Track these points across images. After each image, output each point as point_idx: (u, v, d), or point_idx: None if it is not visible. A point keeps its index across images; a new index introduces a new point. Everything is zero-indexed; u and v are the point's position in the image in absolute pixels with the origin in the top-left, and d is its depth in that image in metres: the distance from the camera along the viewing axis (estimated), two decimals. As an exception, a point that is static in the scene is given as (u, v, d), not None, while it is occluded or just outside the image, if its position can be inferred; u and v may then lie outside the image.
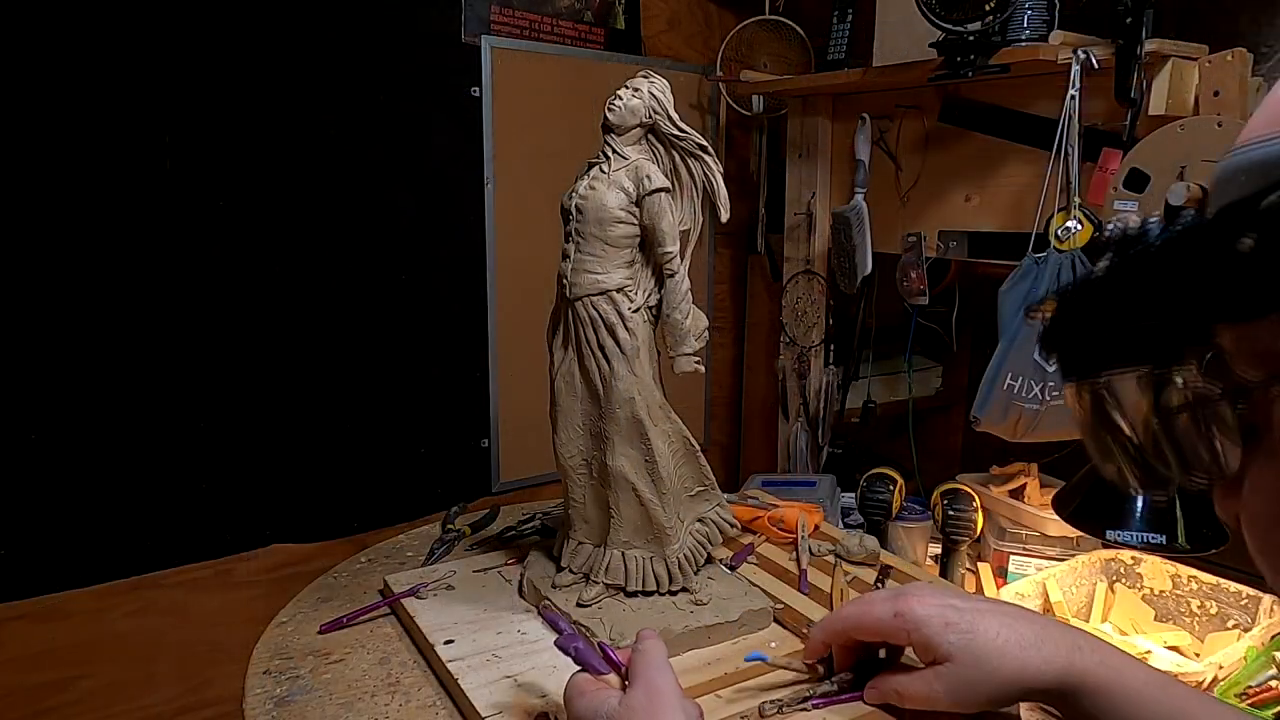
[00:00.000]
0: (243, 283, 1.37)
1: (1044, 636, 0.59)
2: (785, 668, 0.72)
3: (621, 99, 0.80)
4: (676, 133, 0.81)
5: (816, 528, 1.04)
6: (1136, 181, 1.10)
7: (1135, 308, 0.31)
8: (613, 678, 0.61)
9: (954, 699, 0.59)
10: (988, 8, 1.14)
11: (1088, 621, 1.20)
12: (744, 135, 1.91)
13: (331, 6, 1.39)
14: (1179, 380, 0.31)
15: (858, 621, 0.65)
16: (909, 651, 0.65)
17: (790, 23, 1.78)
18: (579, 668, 0.62)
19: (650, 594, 0.82)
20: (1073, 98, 1.17)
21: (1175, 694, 0.58)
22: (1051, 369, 1.20)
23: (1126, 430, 0.34)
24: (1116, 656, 0.59)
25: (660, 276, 0.81)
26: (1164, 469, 0.33)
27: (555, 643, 0.64)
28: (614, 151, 0.80)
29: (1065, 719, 0.60)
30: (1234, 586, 1.12)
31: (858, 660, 0.67)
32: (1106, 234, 0.32)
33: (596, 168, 0.81)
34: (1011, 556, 1.32)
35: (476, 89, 1.55)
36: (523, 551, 0.95)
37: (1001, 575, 1.32)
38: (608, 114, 0.80)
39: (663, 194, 0.78)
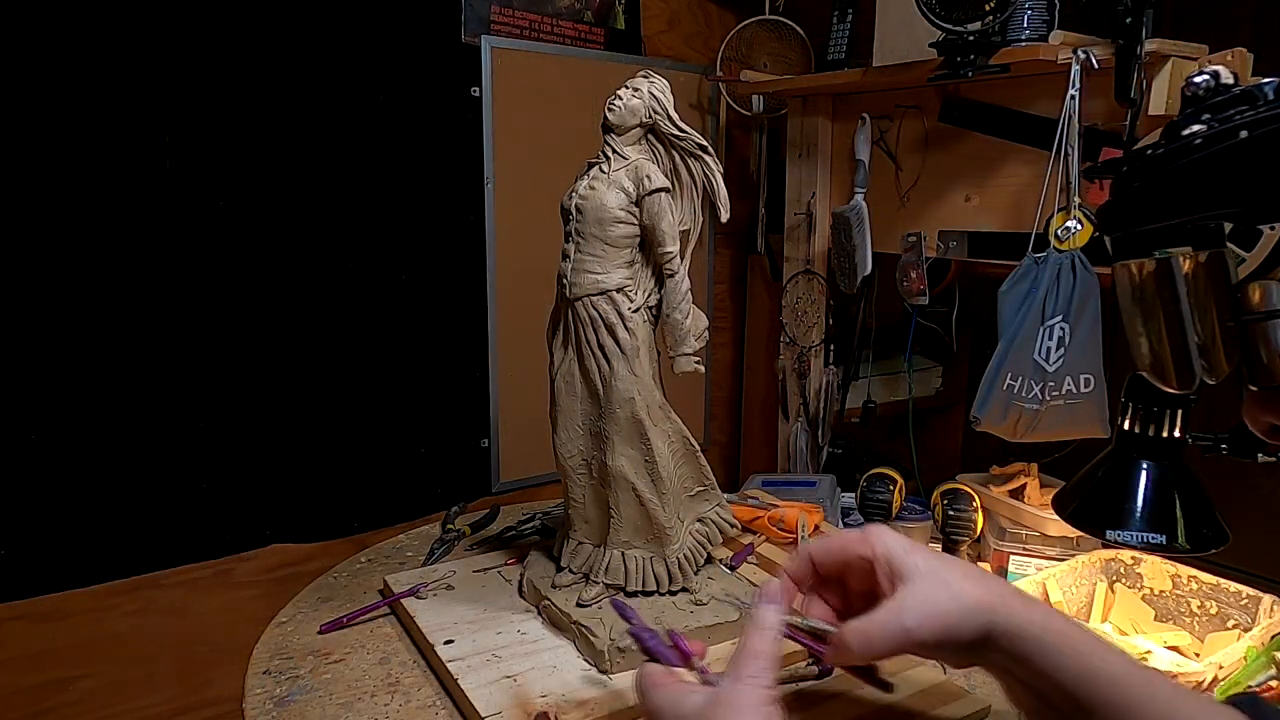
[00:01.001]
0: (243, 283, 1.37)
1: (985, 576, 0.57)
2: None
3: (621, 99, 0.80)
4: (676, 133, 0.81)
5: (816, 528, 1.04)
6: (1136, 181, 1.10)
7: (1250, 185, 0.27)
8: (683, 671, 0.59)
9: (918, 623, 0.54)
10: (988, 8, 1.14)
11: (1088, 621, 1.20)
12: (744, 135, 1.91)
13: (331, 7, 1.39)
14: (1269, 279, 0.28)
15: (826, 542, 0.62)
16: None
17: (790, 23, 1.78)
18: (647, 657, 0.60)
19: (650, 594, 0.82)
20: (1073, 98, 1.17)
21: (1098, 649, 0.53)
22: (1052, 369, 1.19)
23: (1189, 318, 0.30)
24: (1039, 608, 0.56)
25: (660, 276, 0.81)
26: (1205, 364, 0.30)
27: (628, 631, 0.62)
28: (614, 151, 0.80)
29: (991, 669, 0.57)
30: (1234, 586, 1.12)
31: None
32: (1193, 88, 0.30)
33: (596, 168, 0.81)
34: (1011, 556, 1.32)
35: (476, 89, 1.55)
36: (523, 551, 0.95)
37: (1001, 575, 1.32)
38: (608, 114, 0.80)
39: (663, 194, 0.78)
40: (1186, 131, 0.29)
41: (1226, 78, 0.28)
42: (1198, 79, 0.30)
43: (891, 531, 0.60)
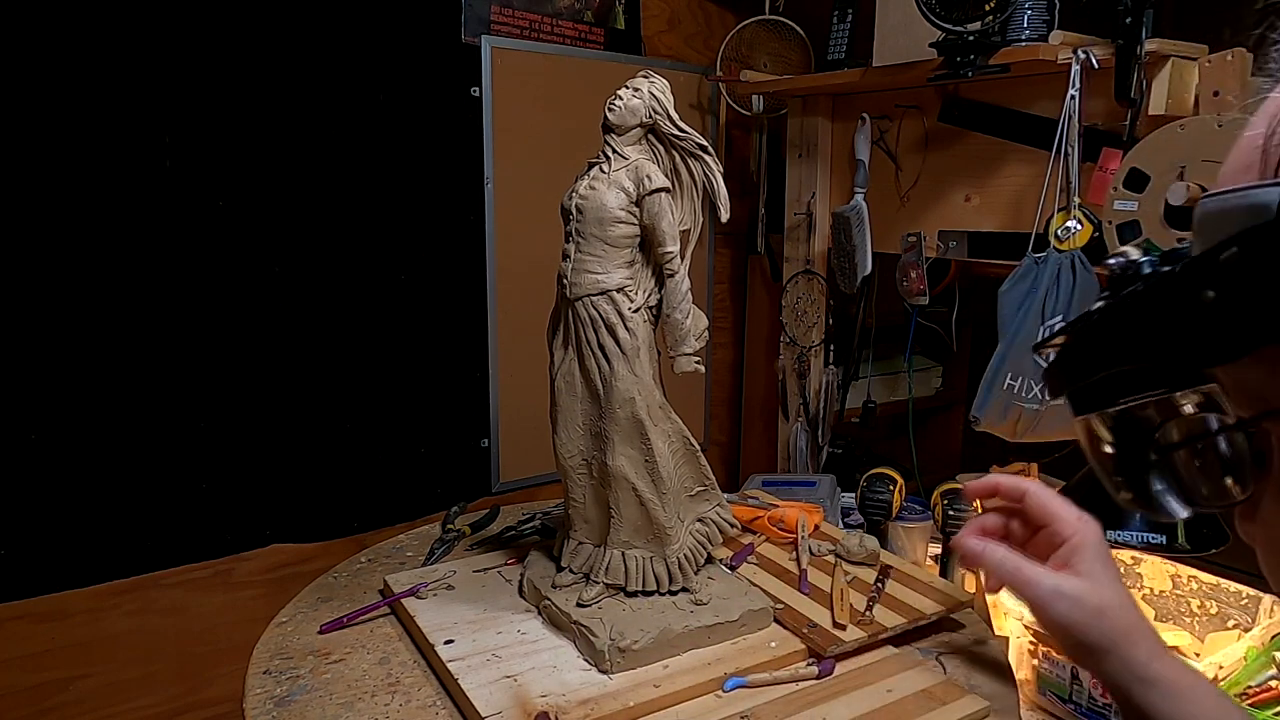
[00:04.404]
0: (242, 283, 1.37)
1: (1149, 622, 0.65)
2: (769, 684, 0.72)
3: (621, 99, 0.80)
4: (677, 133, 0.81)
5: (816, 528, 1.04)
6: (1136, 181, 1.11)
7: (1126, 349, 0.33)
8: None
9: (1052, 600, 0.64)
10: (988, 8, 1.14)
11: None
12: (744, 135, 1.91)
13: (332, 7, 1.39)
14: (1179, 414, 0.33)
15: (1040, 492, 0.70)
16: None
17: (790, 23, 1.78)
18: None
19: (650, 594, 0.82)
20: (1073, 98, 1.17)
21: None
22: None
23: (1124, 462, 0.35)
24: (1157, 655, 0.63)
25: (660, 276, 0.81)
26: (1165, 498, 0.34)
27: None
28: (614, 151, 0.80)
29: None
30: (1234, 586, 1.12)
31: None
32: (1111, 267, 0.37)
33: (597, 168, 0.81)
34: (1011, 556, 1.31)
35: (476, 89, 1.55)
36: (523, 551, 0.95)
37: (1001, 575, 1.32)
38: (608, 114, 0.80)
39: (663, 194, 0.78)
40: (1093, 309, 0.35)
41: (1134, 256, 0.33)
42: (1112, 263, 0.34)
43: (1097, 529, 0.68)
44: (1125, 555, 1.22)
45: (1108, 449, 0.36)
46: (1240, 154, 0.33)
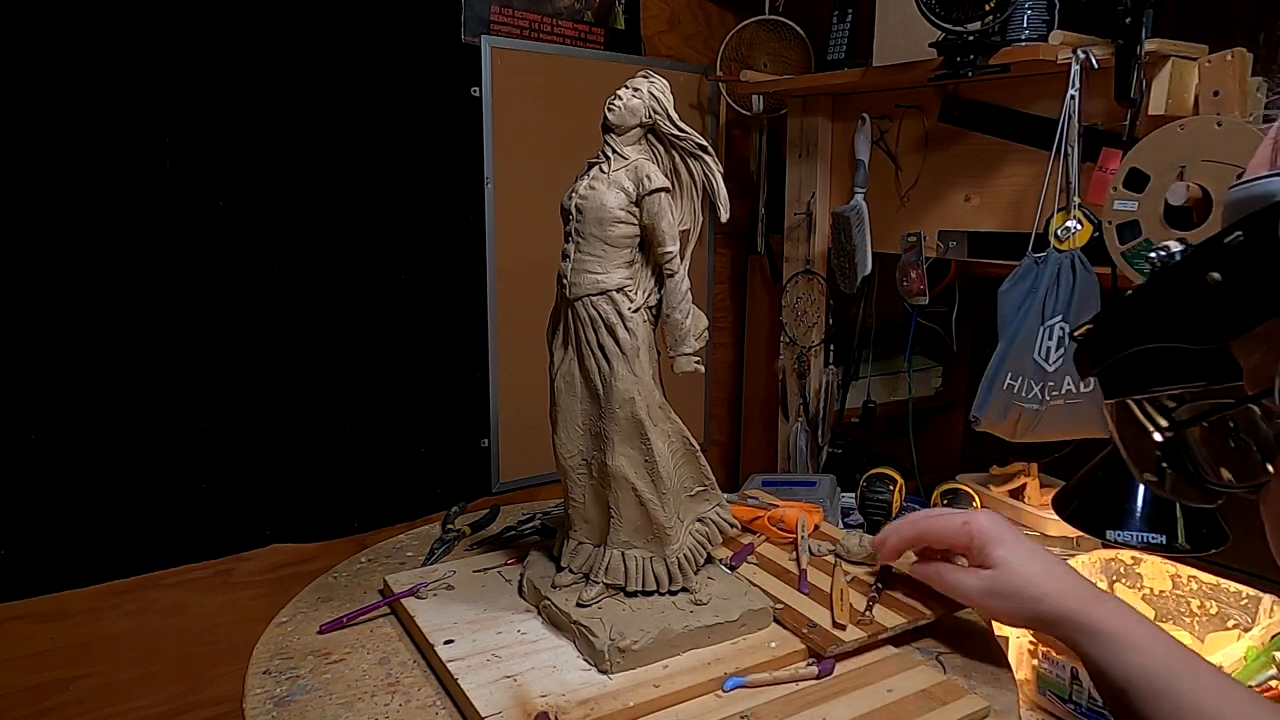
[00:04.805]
0: (242, 283, 1.37)
1: (1072, 579, 0.70)
2: (769, 684, 0.72)
3: (621, 99, 0.80)
4: (676, 133, 0.80)
5: (816, 528, 1.04)
6: (1136, 181, 1.11)
7: (1143, 328, 0.35)
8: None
9: (982, 599, 0.72)
10: (987, 8, 1.14)
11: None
12: (744, 135, 1.91)
13: (332, 7, 1.39)
14: (1203, 397, 0.35)
15: (928, 526, 0.79)
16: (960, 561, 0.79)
17: (790, 23, 1.78)
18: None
19: (650, 594, 0.82)
20: (1073, 98, 1.17)
21: (1175, 656, 0.63)
22: (1052, 369, 1.20)
23: (1151, 443, 0.37)
24: (1098, 604, 0.67)
25: (660, 276, 0.81)
26: (1190, 479, 0.36)
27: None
28: (614, 151, 0.80)
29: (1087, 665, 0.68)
30: (1234, 586, 1.12)
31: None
32: (1151, 259, 0.38)
33: (596, 168, 0.81)
34: (1011, 556, 1.31)
35: (476, 89, 1.55)
36: (523, 551, 0.95)
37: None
38: (607, 114, 0.80)
39: (662, 194, 0.78)
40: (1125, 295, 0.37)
41: (1175, 247, 0.35)
42: (1152, 255, 0.37)
43: (988, 518, 0.75)
44: (1125, 555, 1.22)
45: (1134, 430, 0.38)
46: (1261, 148, 0.35)
